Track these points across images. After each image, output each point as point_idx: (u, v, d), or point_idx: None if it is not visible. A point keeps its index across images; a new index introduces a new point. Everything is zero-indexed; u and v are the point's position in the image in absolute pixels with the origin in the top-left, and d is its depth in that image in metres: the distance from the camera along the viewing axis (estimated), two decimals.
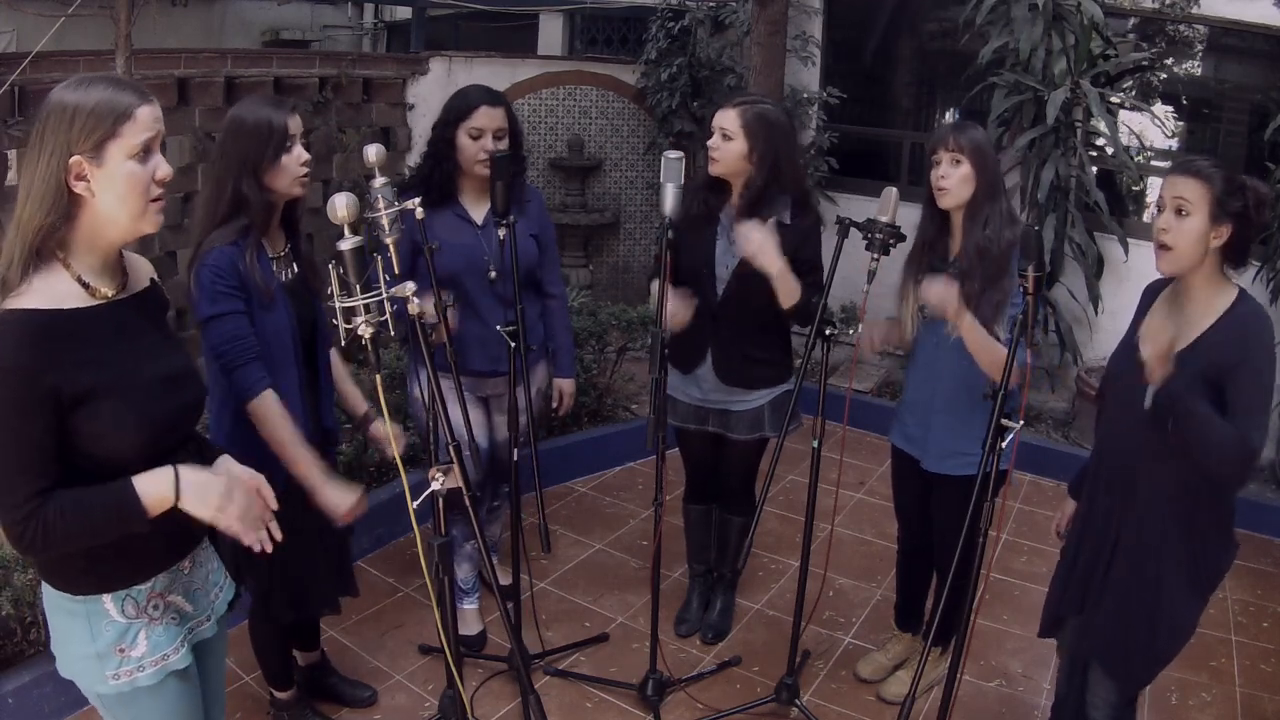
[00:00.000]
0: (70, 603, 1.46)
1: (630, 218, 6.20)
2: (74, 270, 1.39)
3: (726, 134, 2.50)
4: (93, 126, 1.33)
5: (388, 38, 8.90)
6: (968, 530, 1.87)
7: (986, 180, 2.32)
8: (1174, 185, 1.84)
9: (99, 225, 1.39)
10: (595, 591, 3.26)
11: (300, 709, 2.50)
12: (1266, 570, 3.54)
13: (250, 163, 2.01)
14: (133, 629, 1.48)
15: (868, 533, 3.72)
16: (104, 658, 1.46)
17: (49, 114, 1.33)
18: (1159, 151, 4.88)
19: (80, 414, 1.36)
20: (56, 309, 1.35)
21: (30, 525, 1.32)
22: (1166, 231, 1.83)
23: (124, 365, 1.42)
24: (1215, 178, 1.80)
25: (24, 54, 3.84)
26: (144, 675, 1.49)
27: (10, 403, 1.31)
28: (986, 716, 2.67)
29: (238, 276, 2.00)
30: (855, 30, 5.87)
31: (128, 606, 1.48)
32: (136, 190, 1.37)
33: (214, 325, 2.00)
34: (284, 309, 2.09)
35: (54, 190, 1.33)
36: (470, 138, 2.52)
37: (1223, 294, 1.85)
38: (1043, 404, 4.66)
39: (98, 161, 1.34)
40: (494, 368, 2.63)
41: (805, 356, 2.29)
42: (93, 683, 1.49)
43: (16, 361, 1.30)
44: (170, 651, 1.52)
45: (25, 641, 2.45)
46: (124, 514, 1.38)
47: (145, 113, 1.37)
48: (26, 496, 1.32)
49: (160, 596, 1.53)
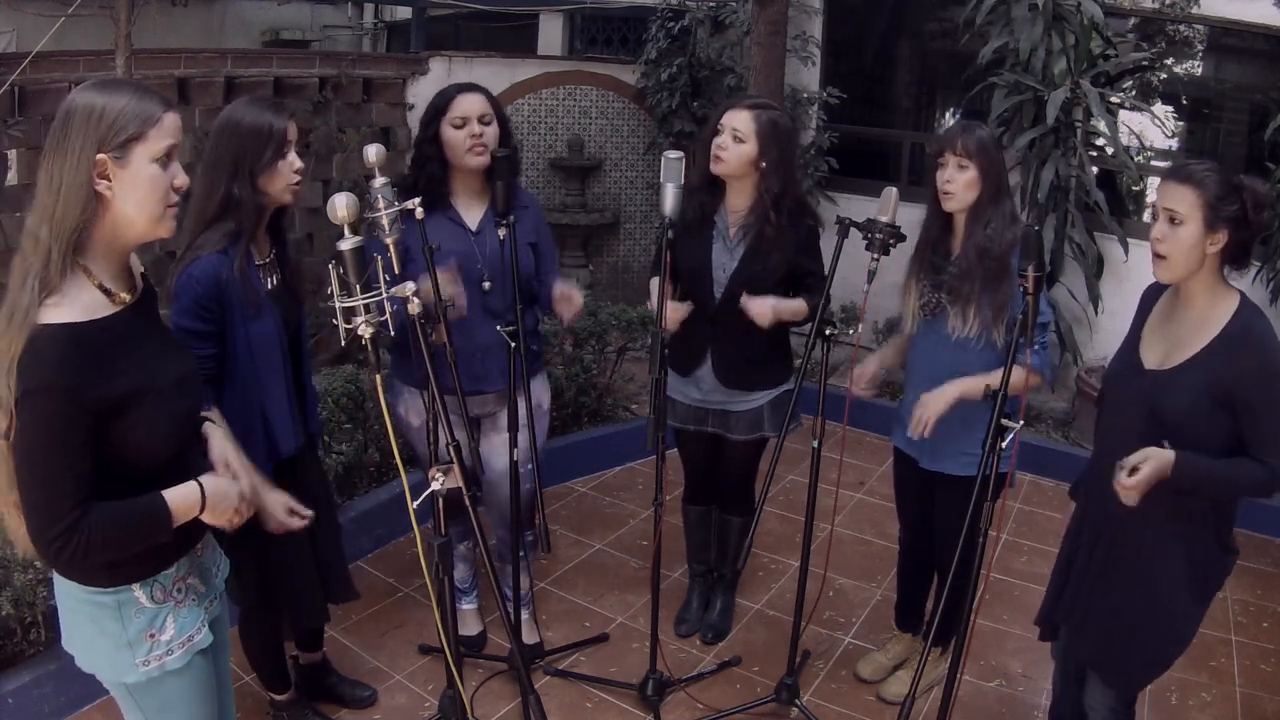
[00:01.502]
0: (100, 595, 1.47)
1: (630, 218, 6.21)
2: (95, 278, 1.40)
3: (739, 136, 2.48)
4: (122, 126, 1.34)
5: (388, 38, 8.90)
6: (968, 530, 1.87)
7: (992, 183, 2.31)
8: (1166, 194, 1.81)
9: (117, 227, 1.40)
10: (595, 591, 3.26)
11: (300, 709, 2.50)
12: (1266, 570, 3.54)
13: (245, 164, 1.99)
14: (161, 613, 1.52)
15: (868, 533, 3.71)
16: (135, 645, 1.49)
17: (73, 112, 1.34)
18: (1159, 151, 4.88)
19: (119, 423, 1.38)
20: (90, 320, 1.36)
21: (74, 538, 1.34)
22: (1161, 241, 1.80)
23: (150, 370, 1.44)
24: (1208, 183, 1.76)
25: (24, 54, 3.85)
26: (173, 659, 1.52)
27: (56, 419, 1.32)
28: (986, 716, 2.67)
29: (217, 295, 1.98)
30: (855, 30, 5.87)
31: (155, 591, 1.51)
32: (157, 194, 1.40)
33: (179, 335, 1.95)
34: (271, 317, 2.08)
35: (85, 188, 1.34)
36: (455, 128, 2.43)
37: (1223, 301, 1.82)
38: (1043, 404, 4.66)
39: (123, 162, 1.36)
40: (477, 386, 2.53)
41: (805, 356, 2.30)
42: (121, 673, 1.51)
43: (61, 379, 1.31)
44: (195, 632, 1.56)
45: (25, 641, 2.45)
46: (157, 527, 1.43)
47: (170, 119, 1.40)
48: (69, 509, 1.34)
49: (183, 580, 1.57)
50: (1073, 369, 4.58)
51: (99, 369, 1.35)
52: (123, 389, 1.37)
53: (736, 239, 2.59)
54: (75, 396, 1.32)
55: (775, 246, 2.53)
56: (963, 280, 2.31)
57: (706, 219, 2.62)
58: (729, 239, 2.60)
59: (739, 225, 2.59)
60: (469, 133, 2.42)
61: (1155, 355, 1.90)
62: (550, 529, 3.49)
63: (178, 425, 1.49)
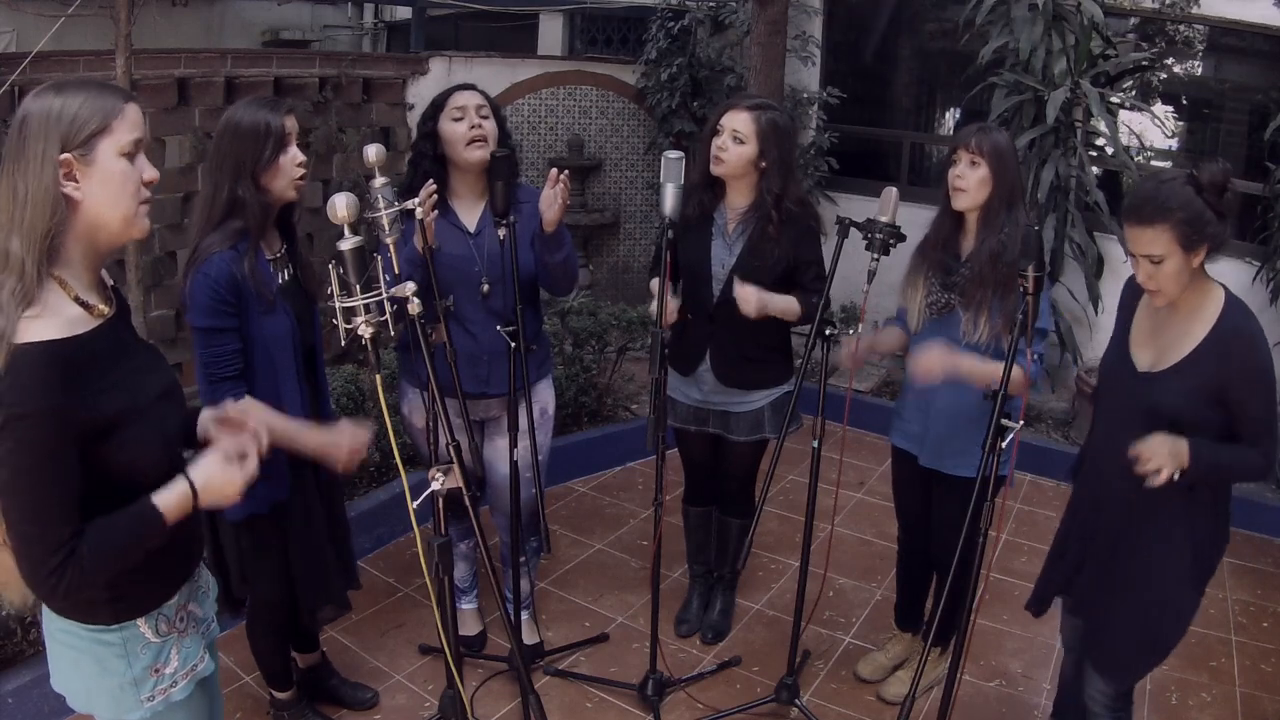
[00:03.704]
0: (104, 634, 1.41)
1: (630, 218, 6.20)
2: (71, 290, 1.33)
3: (739, 137, 2.48)
4: (83, 123, 1.28)
5: (388, 38, 8.90)
6: (968, 530, 1.87)
7: (1003, 185, 2.30)
8: (1137, 241, 1.78)
9: (90, 230, 1.33)
10: (595, 591, 3.26)
11: (300, 709, 2.50)
12: (1267, 570, 3.54)
13: (246, 165, 2.01)
14: (166, 646, 1.47)
15: (868, 533, 3.71)
16: (140, 683, 1.44)
17: (29, 117, 1.28)
18: (1159, 151, 4.88)
19: (107, 445, 1.31)
20: (71, 336, 1.29)
21: (67, 570, 1.27)
22: (1150, 280, 1.81)
23: (134, 386, 1.38)
24: (1174, 212, 1.73)
25: (24, 54, 3.84)
26: (177, 690, 1.48)
27: (44, 445, 1.24)
28: (986, 716, 2.67)
29: (235, 289, 2.00)
30: (855, 30, 5.87)
31: (160, 624, 1.47)
32: (128, 190, 1.33)
33: (203, 336, 2.00)
34: (284, 312, 2.09)
35: (52, 193, 1.27)
36: (453, 120, 2.42)
37: (1208, 297, 1.84)
38: (1043, 404, 4.66)
39: (88, 159, 1.29)
40: (483, 389, 2.53)
41: (805, 356, 2.29)
42: (123, 711, 1.45)
43: (46, 402, 1.23)
44: (198, 661, 1.53)
45: (25, 641, 2.45)
46: (149, 531, 1.35)
47: (133, 111, 1.34)
48: (61, 542, 1.26)
49: (184, 608, 1.53)
50: (1073, 369, 4.58)
51: (84, 389, 1.28)
52: (110, 409, 1.31)
53: (735, 236, 2.59)
54: (62, 419, 1.24)
55: (774, 244, 2.53)
56: (975, 285, 2.30)
57: (705, 217, 2.63)
58: (728, 236, 2.60)
59: (738, 222, 2.59)
60: (468, 124, 2.41)
61: (1146, 357, 1.92)
62: (550, 529, 3.49)
63: (167, 441, 1.43)
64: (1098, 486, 2.02)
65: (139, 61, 3.85)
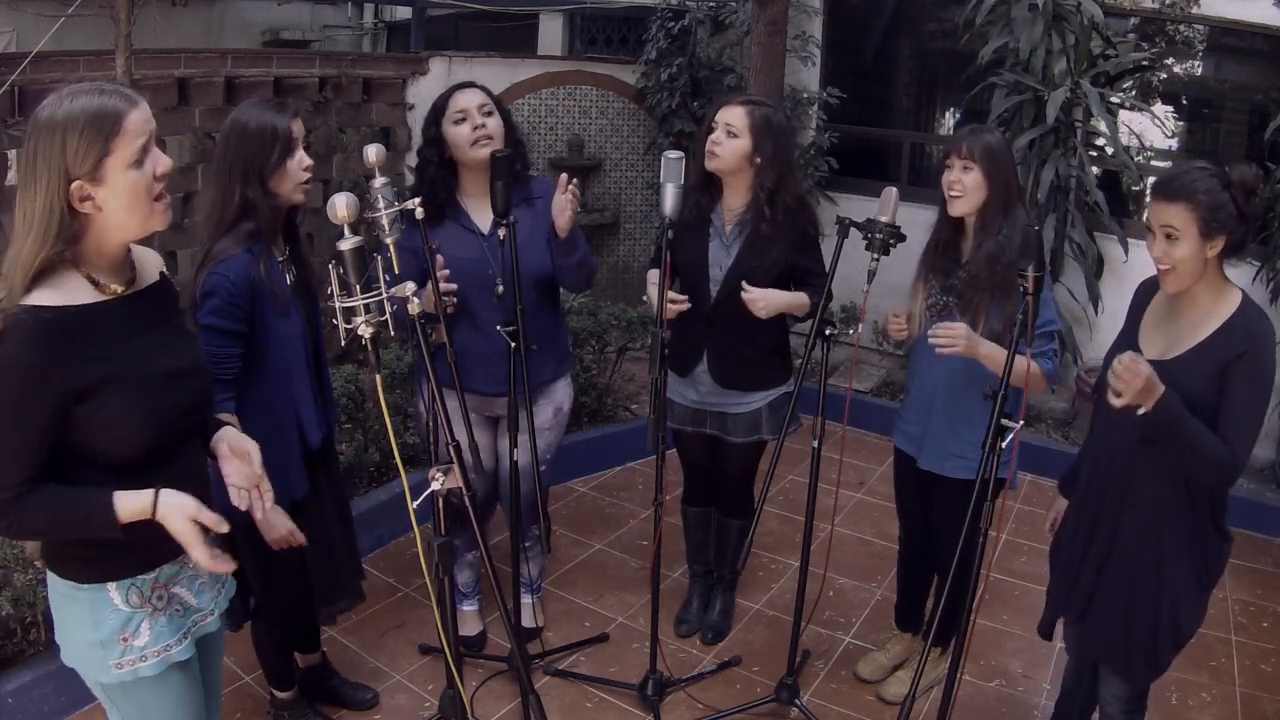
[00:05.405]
0: (74, 590, 1.48)
1: (630, 218, 6.20)
2: (84, 270, 1.41)
3: (732, 131, 2.48)
4: (86, 149, 1.32)
5: (388, 38, 8.89)
6: (968, 530, 1.87)
7: (999, 187, 2.29)
8: (1158, 212, 1.80)
9: (109, 234, 1.41)
10: (595, 591, 3.26)
11: (300, 709, 2.50)
12: (1267, 570, 3.54)
13: (255, 168, 2.01)
14: (136, 618, 1.50)
15: (868, 533, 3.71)
16: (107, 646, 1.48)
17: (38, 137, 1.33)
18: (1159, 151, 4.87)
19: (86, 407, 1.38)
20: (67, 305, 1.37)
21: (9, 511, 1.36)
22: (1162, 258, 1.81)
23: (132, 360, 1.43)
24: (1198, 195, 1.75)
25: (24, 54, 3.84)
26: (146, 665, 1.51)
27: (11, 397, 1.33)
28: (986, 716, 2.67)
29: (251, 292, 2.00)
30: (855, 30, 5.87)
31: (132, 595, 1.50)
32: (141, 196, 1.39)
33: (209, 335, 1.99)
34: (296, 314, 2.11)
35: (55, 218, 1.34)
36: (455, 123, 2.42)
37: (1225, 299, 1.83)
38: (1043, 404, 4.66)
39: (98, 180, 1.35)
40: (499, 389, 2.51)
41: (805, 356, 2.29)
42: (96, 671, 1.51)
43: (21, 358, 1.32)
44: (173, 643, 1.54)
45: (25, 641, 2.45)
46: (95, 523, 1.39)
47: (135, 119, 1.36)
48: (14, 484, 1.35)
49: (164, 587, 1.54)
50: (1073, 369, 4.58)
51: (70, 353, 1.36)
52: (97, 374, 1.38)
53: (732, 237, 2.59)
54: (36, 378, 1.33)
55: (771, 244, 2.52)
56: (972, 288, 2.30)
57: (703, 218, 2.62)
58: (725, 236, 2.60)
59: (735, 223, 2.59)
60: (471, 125, 2.42)
61: (1156, 347, 1.90)
62: (550, 529, 3.50)
63: (158, 418, 1.45)
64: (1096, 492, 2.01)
65: (139, 61, 3.85)
